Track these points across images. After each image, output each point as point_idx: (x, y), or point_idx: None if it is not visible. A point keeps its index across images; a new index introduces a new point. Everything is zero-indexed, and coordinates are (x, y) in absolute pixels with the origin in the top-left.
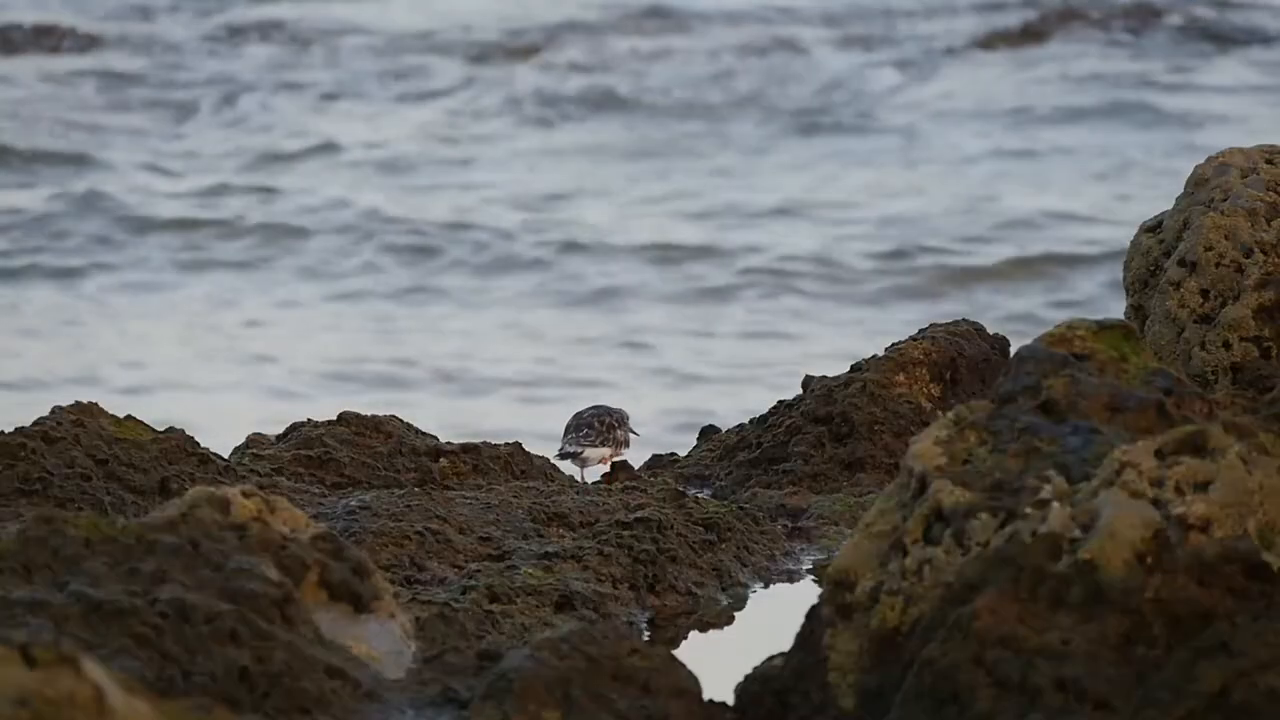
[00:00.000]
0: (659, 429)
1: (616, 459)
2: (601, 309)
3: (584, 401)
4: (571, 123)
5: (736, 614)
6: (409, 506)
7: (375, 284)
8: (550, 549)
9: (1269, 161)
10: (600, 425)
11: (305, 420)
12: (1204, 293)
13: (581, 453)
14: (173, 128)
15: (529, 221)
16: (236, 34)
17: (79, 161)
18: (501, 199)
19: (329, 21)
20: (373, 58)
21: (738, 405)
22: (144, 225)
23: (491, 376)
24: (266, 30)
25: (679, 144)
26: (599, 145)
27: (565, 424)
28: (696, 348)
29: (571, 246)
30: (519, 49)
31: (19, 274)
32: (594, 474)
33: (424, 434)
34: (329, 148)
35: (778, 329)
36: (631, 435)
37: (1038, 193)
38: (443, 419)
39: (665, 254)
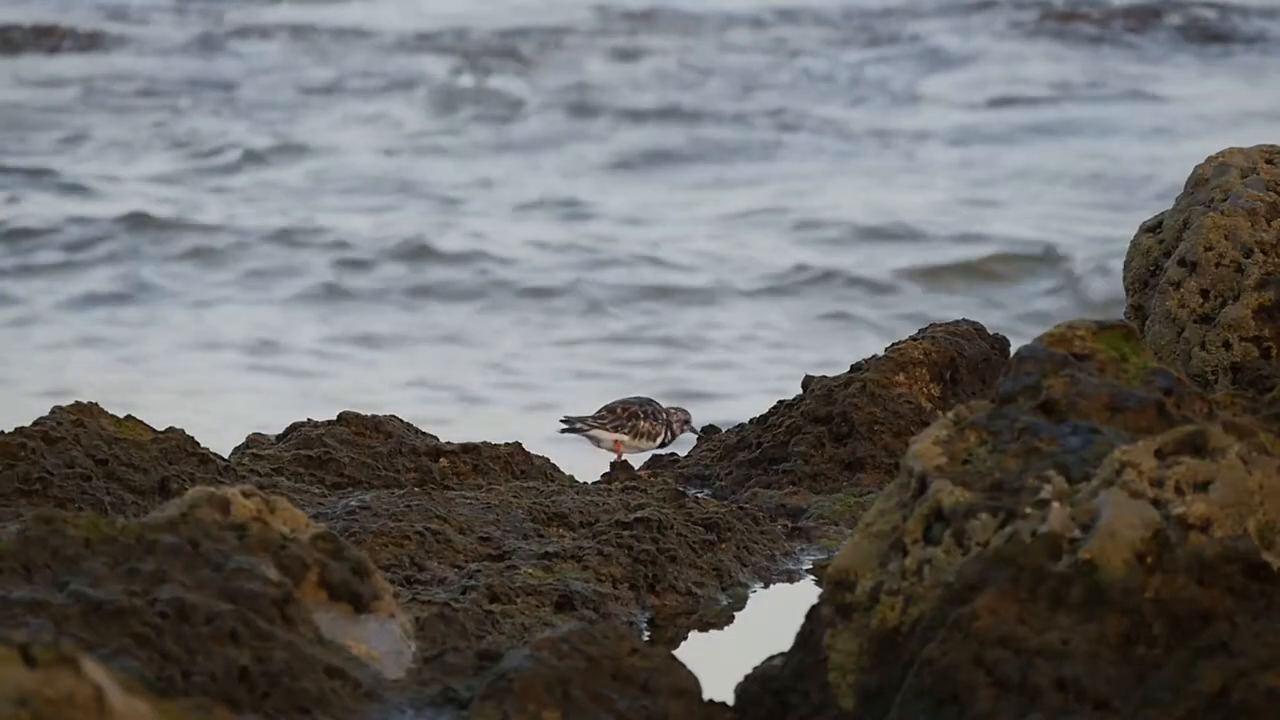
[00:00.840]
0: None
1: (638, 449)
2: (600, 310)
3: (584, 402)
4: (568, 125)
5: (736, 614)
6: (409, 506)
7: (373, 283)
8: (550, 549)
9: (1269, 161)
10: (622, 412)
11: (305, 420)
12: (1204, 293)
13: (586, 430)
14: (172, 128)
15: (527, 223)
16: (235, 34)
17: (76, 161)
18: (500, 199)
19: (326, 22)
20: (370, 59)
21: (738, 405)
22: (142, 224)
23: (493, 379)
24: (265, 31)
25: (676, 147)
26: (595, 148)
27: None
28: (695, 348)
29: (568, 249)
30: (517, 50)
31: (18, 275)
32: (596, 473)
33: (424, 434)
34: (326, 148)
35: (776, 328)
36: (694, 435)
37: (1034, 192)
38: (441, 423)
39: (661, 256)
